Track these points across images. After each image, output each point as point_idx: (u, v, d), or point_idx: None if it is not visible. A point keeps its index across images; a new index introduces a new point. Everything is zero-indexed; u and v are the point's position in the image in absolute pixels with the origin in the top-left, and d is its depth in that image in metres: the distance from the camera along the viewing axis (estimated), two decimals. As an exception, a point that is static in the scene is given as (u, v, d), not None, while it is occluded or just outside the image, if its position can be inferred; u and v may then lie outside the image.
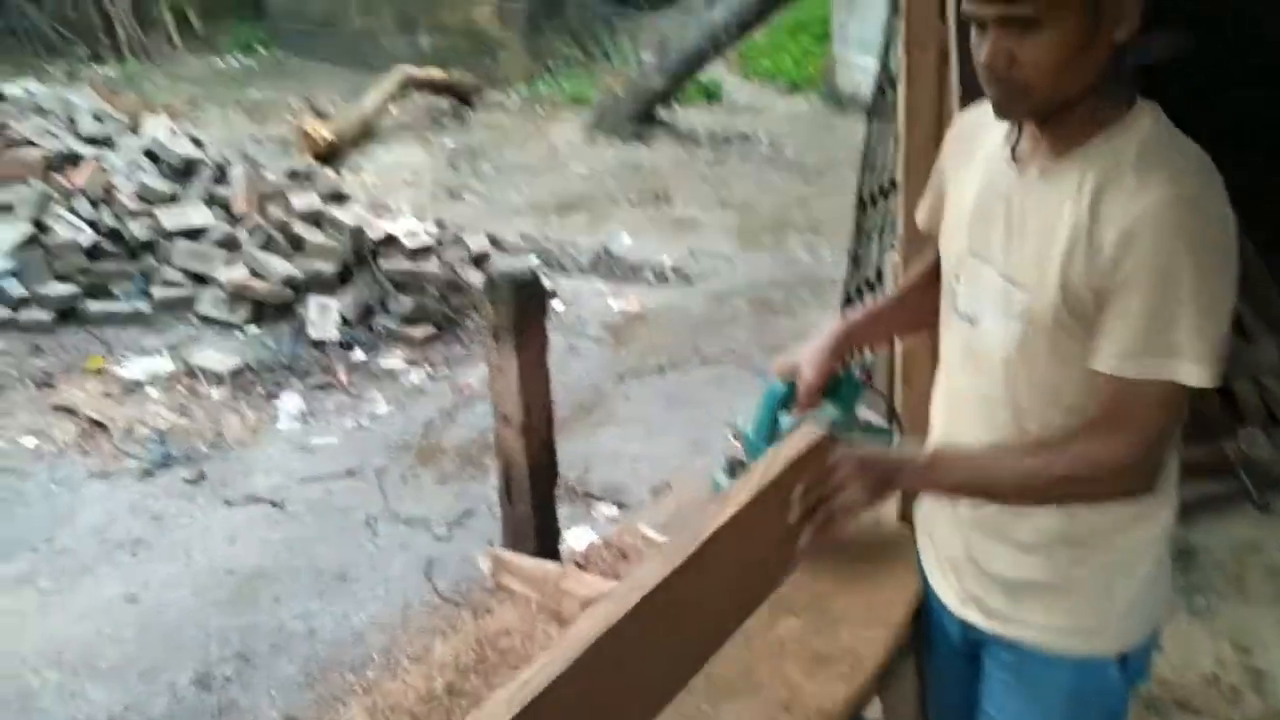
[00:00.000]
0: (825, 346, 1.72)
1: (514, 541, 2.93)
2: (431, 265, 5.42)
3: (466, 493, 4.00)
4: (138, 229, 5.37)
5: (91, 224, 5.40)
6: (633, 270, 6.37)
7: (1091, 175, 1.33)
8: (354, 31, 11.81)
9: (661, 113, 9.81)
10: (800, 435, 1.51)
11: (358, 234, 5.30)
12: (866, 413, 1.96)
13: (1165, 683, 2.80)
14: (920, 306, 1.71)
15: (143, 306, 5.14)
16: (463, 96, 10.17)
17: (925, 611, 1.75)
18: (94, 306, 5.11)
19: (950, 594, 1.63)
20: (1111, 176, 1.31)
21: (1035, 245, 1.38)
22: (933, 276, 1.66)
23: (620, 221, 7.35)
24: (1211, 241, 1.28)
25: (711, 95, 10.97)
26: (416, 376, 4.88)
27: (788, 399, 1.79)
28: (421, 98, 10.12)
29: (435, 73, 10.04)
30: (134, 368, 4.69)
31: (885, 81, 3.69)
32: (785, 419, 1.84)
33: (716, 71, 11.02)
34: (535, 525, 2.97)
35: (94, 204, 5.48)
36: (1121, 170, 1.31)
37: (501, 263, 2.51)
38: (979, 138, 1.53)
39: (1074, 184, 1.34)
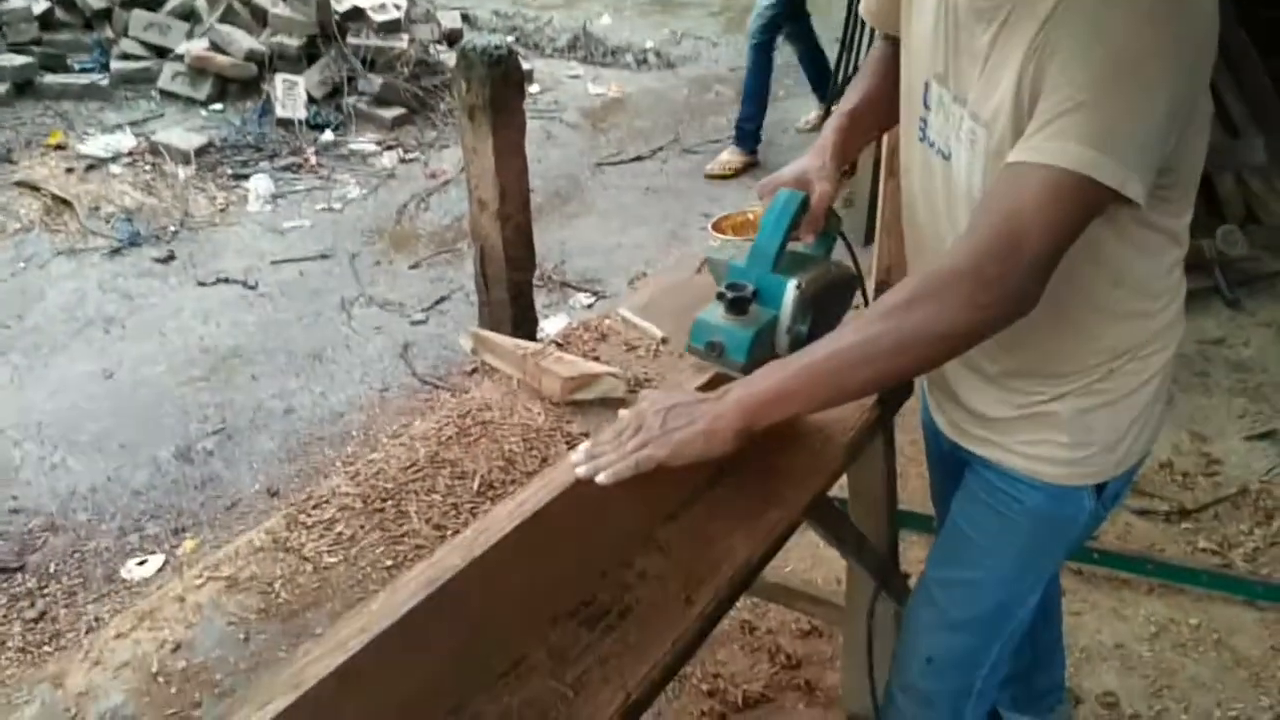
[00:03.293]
0: (831, 158, 1.52)
1: (491, 328, 2.93)
2: (401, 42, 5.20)
3: (442, 279, 3.98)
4: (91, -3, 5.10)
5: (42, -10, 5.13)
6: (612, 53, 6.16)
7: None
8: None
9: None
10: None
11: (323, 6, 5.05)
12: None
13: (1121, 469, 2.90)
14: (894, 100, 1.54)
15: (101, 80, 4.94)
16: None
17: (922, 409, 1.73)
18: (51, 80, 4.90)
19: (938, 414, 1.61)
20: None
21: (993, 78, 1.21)
22: (885, 58, 1.54)
23: (601, 0, 7.05)
24: (1176, 26, 1.09)
25: None
26: (388, 159, 4.76)
27: (803, 210, 1.49)
28: None
29: None
30: (96, 144, 4.54)
31: None
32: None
33: None
34: (512, 312, 2.96)
35: (43, -32, 5.18)
36: None
37: (476, 38, 2.38)
38: None
39: (1024, 6, 1.18)
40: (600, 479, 1.26)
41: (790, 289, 1.44)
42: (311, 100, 4.97)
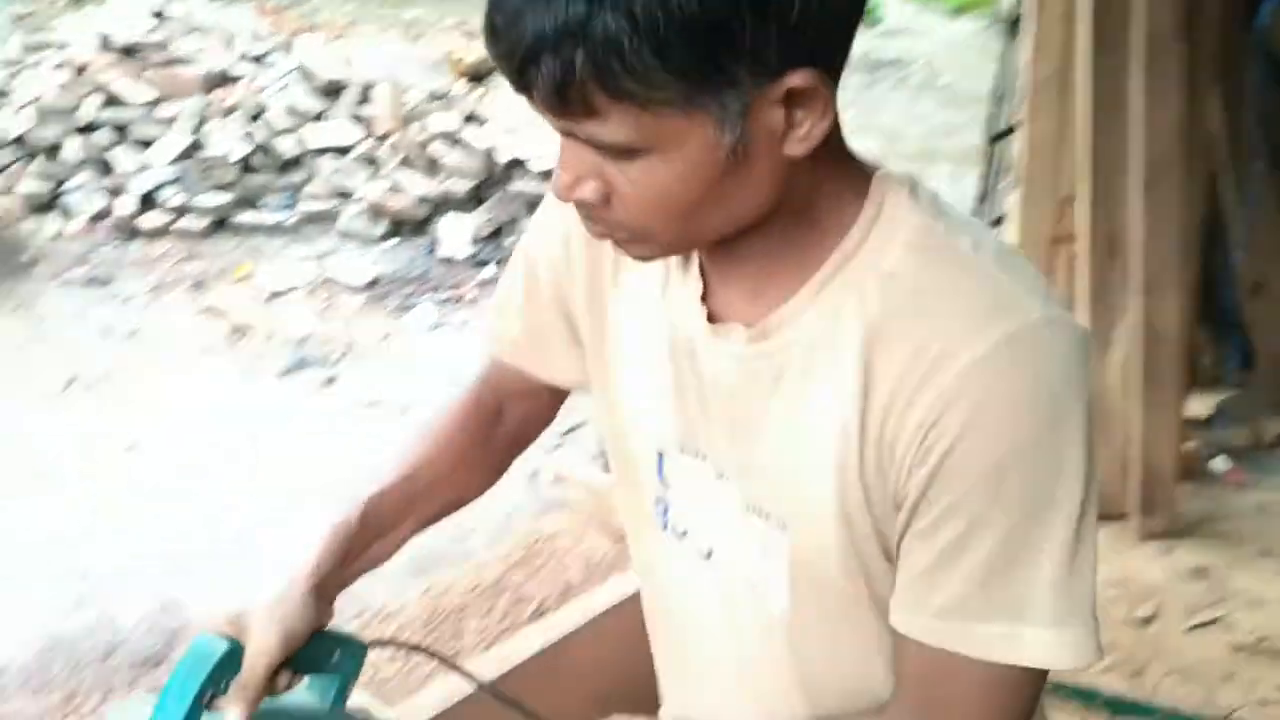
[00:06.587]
0: (306, 585, 0.91)
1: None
2: (560, 186, 5.50)
3: (580, 406, 4.09)
4: (286, 145, 5.64)
5: (244, 139, 5.72)
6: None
7: (848, 331, 0.78)
8: (511, -48, 11.88)
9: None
10: None
11: (488, 156, 5.43)
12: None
13: (1267, 636, 2.70)
14: (456, 480, 1.10)
15: (289, 219, 5.42)
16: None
17: None
18: (244, 217, 5.43)
19: None
20: (875, 324, 0.77)
21: (785, 460, 0.83)
22: (472, 427, 1.09)
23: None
24: (1063, 410, 0.74)
25: (869, 17, 10.63)
26: (543, 294, 4.99)
27: (226, 669, 0.85)
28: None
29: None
30: (278, 276, 4.97)
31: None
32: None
33: (877, -9, 10.69)
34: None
35: (247, 120, 5.78)
36: (887, 307, 0.77)
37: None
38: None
39: (821, 353, 0.80)
40: None
41: None
42: (475, 239, 5.31)
